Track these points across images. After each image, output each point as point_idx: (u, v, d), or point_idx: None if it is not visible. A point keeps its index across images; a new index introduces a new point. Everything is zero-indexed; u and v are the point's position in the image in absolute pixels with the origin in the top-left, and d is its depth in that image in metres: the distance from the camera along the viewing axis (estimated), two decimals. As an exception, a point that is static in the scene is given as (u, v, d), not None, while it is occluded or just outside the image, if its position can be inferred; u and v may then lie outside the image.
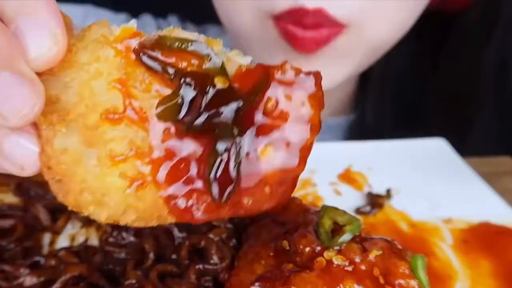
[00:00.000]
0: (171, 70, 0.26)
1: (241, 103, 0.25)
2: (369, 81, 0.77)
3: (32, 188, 0.51)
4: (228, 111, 0.25)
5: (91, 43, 0.27)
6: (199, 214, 0.26)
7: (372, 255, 0.37)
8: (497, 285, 0.44)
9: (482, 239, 0.49)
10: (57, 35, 0.25)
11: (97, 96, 0.27)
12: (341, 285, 0.35)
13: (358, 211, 0.53)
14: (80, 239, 0.47)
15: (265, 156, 0.26)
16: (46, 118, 0.26)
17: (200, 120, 0.25)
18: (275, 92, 0.25)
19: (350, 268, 0.36)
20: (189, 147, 0.25)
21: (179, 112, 0.25)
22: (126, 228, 0.47)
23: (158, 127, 0.26)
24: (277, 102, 0.25)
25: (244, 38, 0.62)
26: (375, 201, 0.54)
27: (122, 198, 0.26)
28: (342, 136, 0.81)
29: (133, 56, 0.26)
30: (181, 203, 0.26)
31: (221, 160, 0.25)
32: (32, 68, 0.25)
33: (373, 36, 0.59)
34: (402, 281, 0.36)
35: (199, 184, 0.26)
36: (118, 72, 0.27)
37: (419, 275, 0.36)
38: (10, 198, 0.51)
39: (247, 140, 0.25)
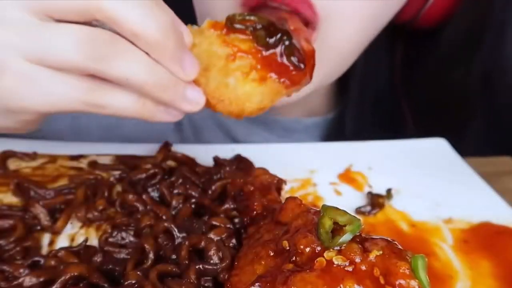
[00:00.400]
0: (246, 26, 0.46)
1: (285, 26, 0.48)
2: (348, 81, 0.76)
3: (32, 188, 0.51)
4: (283, 31, 0.47)
5: (194, 34, 0.46)
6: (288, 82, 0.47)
7: (373, 255, 0.36)
8: (497, 285, 0.44)
9: (482, 239, 0.49)
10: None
11: (217, 52, 0.46)
12: (341, 285, 0.35)
13: (358, 211, 0.53)
14: (79, 239, 0.47)
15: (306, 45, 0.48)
16: (198, 74, 0.44)
17: (275, 39, 0.46)
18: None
19: (350, 268, 0.36)
20: (275, 52, 0.46)
21: (265, 40, 0.46)
22: (126, 228, 0.47)
23: (257, 51, 0.46)
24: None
25: None
26: (376, 201, 0.54)
27: (258, 91, 0.46)
28: (320, 136, 0.81)
29: (223, 31, 0.47)
30: (287, 80, 0.47)
31: (292, 50, 0.46)
32: None
33: (338, 38, 0.58)
34: (402, 281, 0.36)
35: (290, 67, 0.47)
36: (220, 39, 0.46)
37: (420, 275, 0.36)
38: (9, 198, 0.51)
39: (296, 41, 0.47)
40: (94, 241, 0.47)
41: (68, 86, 0.40)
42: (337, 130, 0.81)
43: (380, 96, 0.82)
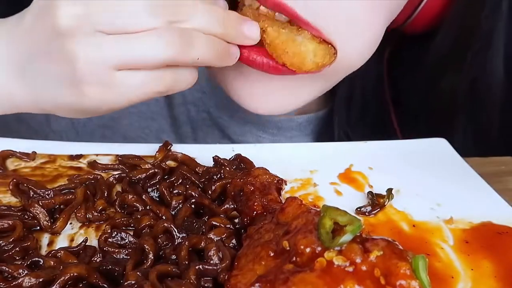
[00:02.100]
0: None
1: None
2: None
3: (31, 188, 0.51)
4: None
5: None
6: None
7: (373, 255, 0.36)
8: (499, 286, 0.44)
9: (483, 239, 0.49)
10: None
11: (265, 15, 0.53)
12: (341, 286, 0.35)
13: (359, 211, 0.53)
14: (79, 240, 0.47)
15: None
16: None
17: None
18: None
19: (350, 269, 0.36)
20: None
21: None
22: (125, 229, 0.47)
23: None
24: None
25: None
26: (376, 201, 0.53)
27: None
28: (312, 133, 0.82)
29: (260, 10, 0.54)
30: None
31: None
32: None
33: (350, 54, 0.57)
34: (403, 282, 0.35)
35: None
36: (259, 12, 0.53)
37: (420, 276, 0.36)
38: (8, 198, 0.51)
39: None
40: (93, 242, 0.47)
41: (147, 80, 0.46)
42: (328, 127, 0.82)
43: (368, 101, 0.83)
